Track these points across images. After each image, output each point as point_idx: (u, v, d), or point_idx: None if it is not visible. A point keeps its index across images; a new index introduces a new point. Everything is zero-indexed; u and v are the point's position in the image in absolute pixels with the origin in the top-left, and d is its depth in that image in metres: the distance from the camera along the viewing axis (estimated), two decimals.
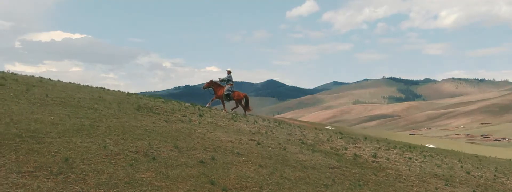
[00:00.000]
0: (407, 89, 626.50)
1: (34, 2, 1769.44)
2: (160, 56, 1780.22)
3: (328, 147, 14.66)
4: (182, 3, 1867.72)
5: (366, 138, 21.04)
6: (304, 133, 17.60)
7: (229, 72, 20.40)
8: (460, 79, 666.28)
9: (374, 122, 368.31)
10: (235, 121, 16.25)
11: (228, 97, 19.96)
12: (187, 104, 19.21)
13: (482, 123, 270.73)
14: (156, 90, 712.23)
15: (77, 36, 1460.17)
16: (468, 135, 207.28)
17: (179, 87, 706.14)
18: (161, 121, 12.41)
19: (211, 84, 20.42)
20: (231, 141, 11.63)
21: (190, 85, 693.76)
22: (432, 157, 17.81)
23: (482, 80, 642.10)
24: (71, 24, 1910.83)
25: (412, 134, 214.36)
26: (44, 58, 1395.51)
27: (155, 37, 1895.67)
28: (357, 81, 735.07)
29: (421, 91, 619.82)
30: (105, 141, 8.92)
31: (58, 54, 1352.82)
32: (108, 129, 9.86)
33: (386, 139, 26.49)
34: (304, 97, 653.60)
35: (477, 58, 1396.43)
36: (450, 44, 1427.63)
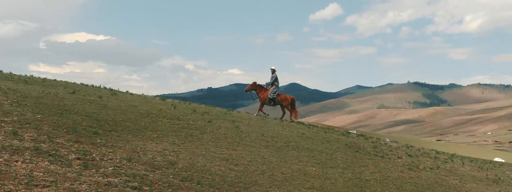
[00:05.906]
0: (432, 94, 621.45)
1: (58, 4, 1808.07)
2: (183, 58, 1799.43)
3: None
4: (206, 6, 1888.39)
5: None
6: (506, 171, 16.02)
7: (273, 71, 18.22)
8: (485, 84, 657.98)
9: (400, 127, 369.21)
10: (446, 162, 14.68)
11: (273, 101, 17.96)
12: (370, 138, 17.51)
13: (509, 130, 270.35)
14: (179, 92, 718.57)
15: (101, 37, 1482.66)
16: (496, 141, 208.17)
17: (202, 90, 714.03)
18: (404, 167, 11.68)
19: (254, 86, 18.54)
20: None
21: (213, 87, 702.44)
22: None
23: (508, 86, 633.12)
24: (95, 26, 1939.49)
25: (439, 140, 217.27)
26: (68, 59, 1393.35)
27: (179, 40, 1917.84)
28: (381, 85, 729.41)
29: (446, 96, 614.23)
30: None
31: (82, 55, 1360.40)
32: (385, 184, 9.47)
33: None
34: (327, 101, 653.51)
35: (502, 63, 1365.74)
36: (475, 48, 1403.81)
